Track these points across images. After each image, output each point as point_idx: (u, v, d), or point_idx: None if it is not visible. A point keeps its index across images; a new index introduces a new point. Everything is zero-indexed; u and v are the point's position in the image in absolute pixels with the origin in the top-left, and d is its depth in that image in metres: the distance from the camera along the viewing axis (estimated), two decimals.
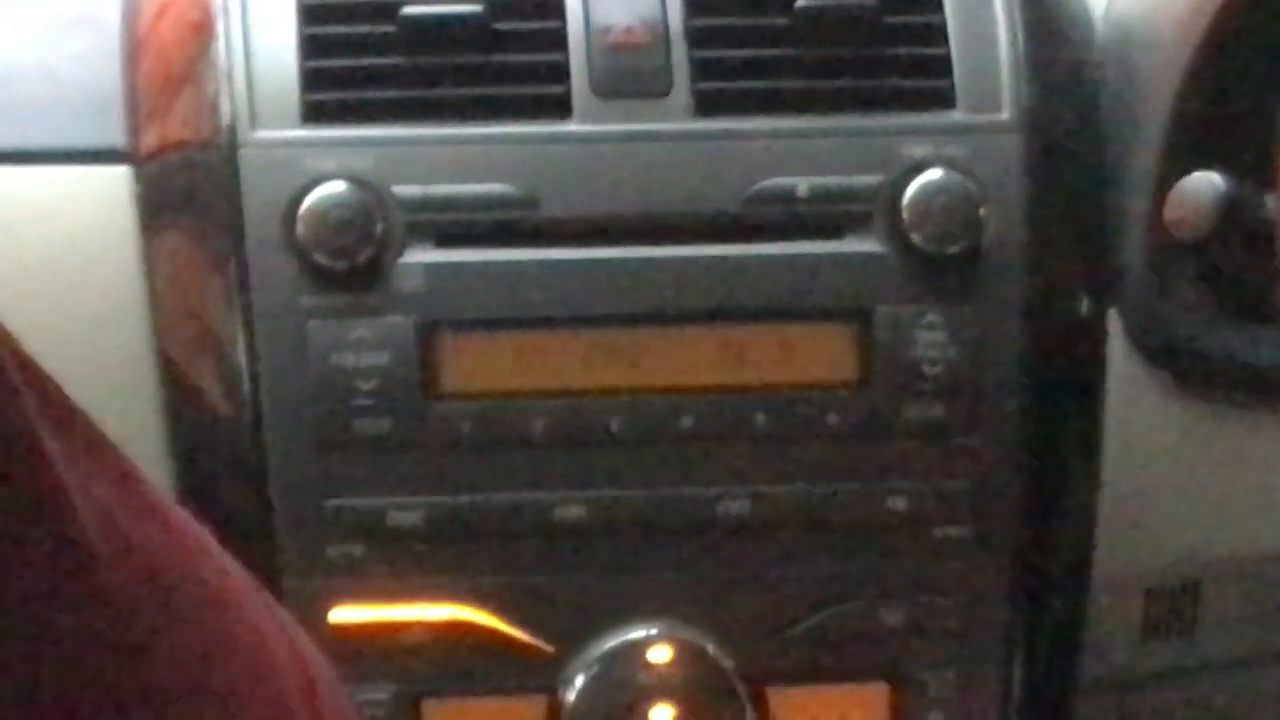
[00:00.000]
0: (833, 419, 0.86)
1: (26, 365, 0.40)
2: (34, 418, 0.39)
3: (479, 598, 0.87)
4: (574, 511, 0.86)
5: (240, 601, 0.44)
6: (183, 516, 0.44)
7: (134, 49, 0.90)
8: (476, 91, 0.87)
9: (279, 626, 0.45)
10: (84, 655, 0.38)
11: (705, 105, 0.88)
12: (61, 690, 0.38)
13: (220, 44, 0.87)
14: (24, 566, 0.37)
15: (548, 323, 0.86)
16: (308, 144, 0.85)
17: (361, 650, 0.86)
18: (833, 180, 0.87)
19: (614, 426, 0.86)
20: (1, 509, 0.37)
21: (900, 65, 0.89)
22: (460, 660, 0.88)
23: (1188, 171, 0.87)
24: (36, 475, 0.38)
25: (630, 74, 0.88)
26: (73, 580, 0.38)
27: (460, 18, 0.87)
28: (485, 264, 0.86)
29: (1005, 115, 0.88)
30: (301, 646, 0.46)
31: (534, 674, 0.88)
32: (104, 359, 0.86)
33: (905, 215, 0.86)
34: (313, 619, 0.84)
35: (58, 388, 0.42)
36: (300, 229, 0.84)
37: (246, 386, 0.85)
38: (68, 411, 0.42)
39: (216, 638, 0.42)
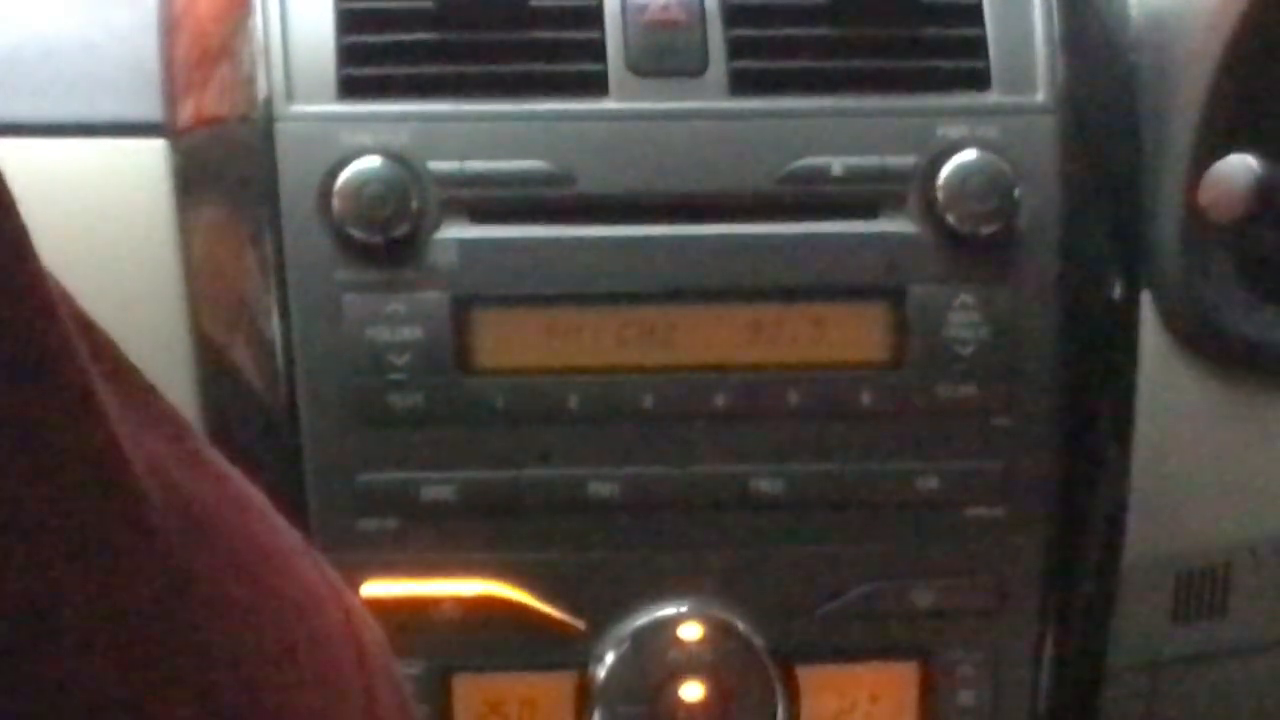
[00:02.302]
0: (866, 398, 0.86)
1: (81, 319, 0.41)
2: (88, 370, 0.39)
3: (511, 573, 0.87)
4: (606, 488, 0.86)
5: (291, 559, 0.44)
6: (235, 474, 0.44)
7: (171, 23, 0.90)
8: (513, 68, 0.87)
9: (330, 586, 0.45)
10: (133, 602, 0.38)
11: (741, 84, 0.88)
12: (111, 636, 0.38)
13: (257, 19, 0.87)
14: (76, 511, 0.37)
15: (582, 299, 0.86)
16: (344, 119, 0.86)
17: (393, 625, 0.84)
18: (867, 160, 0.87)
19: (647, 403, 0.86)
20: (53, 453, 0.37)
21: (936, 46, 0.89)
22: (491, 636, 0.88)
23: (1223, 154, 0.87)
24: (89, 422, 0.38)
25: (666, 52, 0.88)
26: (124, 526, 0.38)
27: None
28: (520, 240, 0.86)
29: (1040, 97, 0.88)
30: (352, 607, 0.46)
31: (565, 650, 0.88)
32: (139, 332, 0.85)
33: (940, 196, 0.86)
34: None
35: (112, 343, 0.42)
36: (336, 203, 0.84)
37: (281, 360, 0.85)
38: (121, 366, 0.42)
39: (266, 592, 0.42)
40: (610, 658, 0.88)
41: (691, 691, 0.88)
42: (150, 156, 0.88)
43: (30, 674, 0.36)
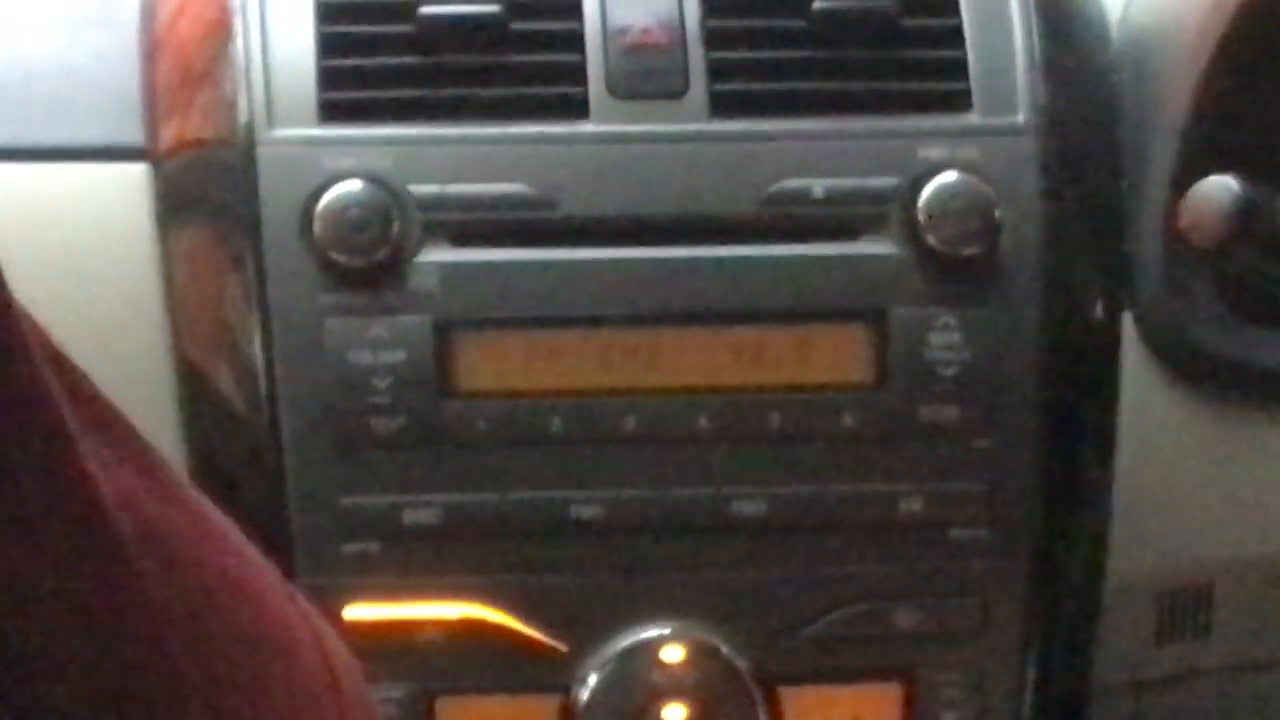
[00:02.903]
0: (848, 420, 0.87)
1: (53, 355, 0.41)
2: (61, 406, 0.39)
3: (493, 596, 0.87)
4: (589, 510, 0.86)
5: (264, 593, 0.44)
6: (209, 507, 0.44)
7: (153, 47, 0.90)
8: (493, 91, 0.87)
9: (303, 619, 0.45)
10: (104, 635, 0.38)
11: (722, 106, 0.88)
12: (81, 669, 0.38)
13: (238, 43, 0.87)
14: (48, 550, 0.37)
15: (564, 322, 0.86)
16: (325, 143, 0.86)
17: (376, 648, 0.86)
18: (848, 182, 0.87)
19: (629, 426, 0.86)
20: (25, 492, 0.37)
21: (917, 68, 0.89)
22: (474, 659, 0.88)
23: (1204, 175, 0.87)
24: (62, 461, 0.38)
25: (647, 75, 0.88)
26: (96, 564, 0.38)
27: (478, 18, 0.87)
28: (501, 263, 0.86)
29: (1021, 118, 0.88)
30: (326, 639, 0.46)
31: (548, 673, 0.88)
32: (121, 356, 0.86)
33: (921, 217, 0.86)
34: (327, 617, 0.84)
35: (84, 377, 0.42)
36: (317, 227, 0.84)
37: (263, 384, 0.85)
38: (94, 400, 0.42)
39: (240, 628, 0.42)
40: (593, 680, 0.88)
41: (674, 714, 0.88)
42: (132, 181, 0.88)
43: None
